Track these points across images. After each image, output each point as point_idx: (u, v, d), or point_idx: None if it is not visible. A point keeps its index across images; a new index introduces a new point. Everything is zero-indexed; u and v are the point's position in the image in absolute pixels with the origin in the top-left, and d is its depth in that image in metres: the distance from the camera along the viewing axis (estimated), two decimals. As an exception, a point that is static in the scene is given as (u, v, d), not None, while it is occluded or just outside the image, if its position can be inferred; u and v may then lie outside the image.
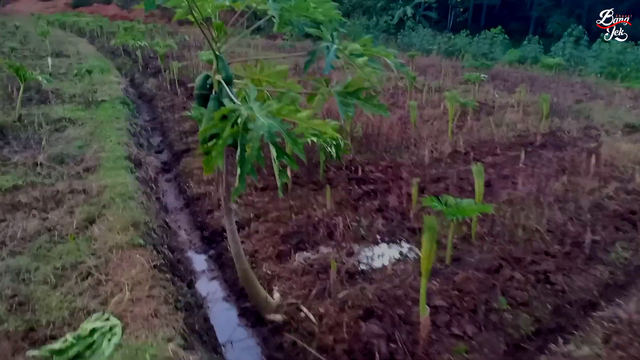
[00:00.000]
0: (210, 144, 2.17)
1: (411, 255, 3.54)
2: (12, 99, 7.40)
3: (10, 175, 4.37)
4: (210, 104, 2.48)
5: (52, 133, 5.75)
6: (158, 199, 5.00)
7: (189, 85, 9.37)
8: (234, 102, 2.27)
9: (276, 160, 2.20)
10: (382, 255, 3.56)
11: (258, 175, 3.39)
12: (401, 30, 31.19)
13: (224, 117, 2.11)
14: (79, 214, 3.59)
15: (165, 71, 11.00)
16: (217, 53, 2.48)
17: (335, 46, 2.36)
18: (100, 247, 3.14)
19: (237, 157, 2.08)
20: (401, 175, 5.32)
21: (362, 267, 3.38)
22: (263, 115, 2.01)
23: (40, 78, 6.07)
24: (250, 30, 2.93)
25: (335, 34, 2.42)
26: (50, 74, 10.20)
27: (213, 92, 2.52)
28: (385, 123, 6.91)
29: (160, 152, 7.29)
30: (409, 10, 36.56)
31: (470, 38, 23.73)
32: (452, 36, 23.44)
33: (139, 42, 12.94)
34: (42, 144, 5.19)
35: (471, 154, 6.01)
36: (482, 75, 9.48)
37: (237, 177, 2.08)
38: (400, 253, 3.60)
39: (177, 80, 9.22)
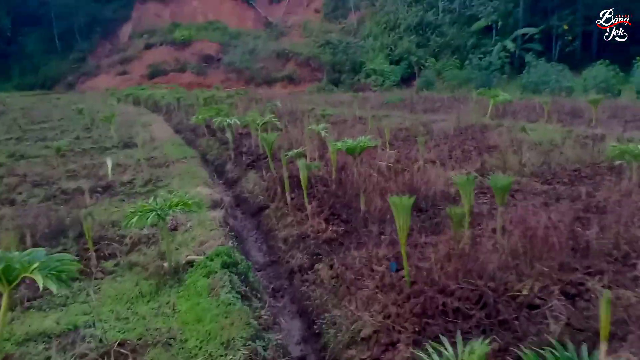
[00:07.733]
0: None
1: None
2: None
3: None
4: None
5: None
6: None
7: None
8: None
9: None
10: None
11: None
12: (519, 68, 26.59)
13: None
14: None
15: (267, 159, 7.21)
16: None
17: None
18: None
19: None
20: None
21: None
22: None
23: (40, 283, 2.31)
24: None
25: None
26: (106, 187, 6.70)
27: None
28: None
29: (302, 358, 3.29)
30: (510, 45, 31.92)
31: (615, 68, 18.72)
32: (602, 68, 18.43)
33: (227, 120, 9.40)
34: None
35: None
36: None
37: None
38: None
39: (305, 188, 5.30)
